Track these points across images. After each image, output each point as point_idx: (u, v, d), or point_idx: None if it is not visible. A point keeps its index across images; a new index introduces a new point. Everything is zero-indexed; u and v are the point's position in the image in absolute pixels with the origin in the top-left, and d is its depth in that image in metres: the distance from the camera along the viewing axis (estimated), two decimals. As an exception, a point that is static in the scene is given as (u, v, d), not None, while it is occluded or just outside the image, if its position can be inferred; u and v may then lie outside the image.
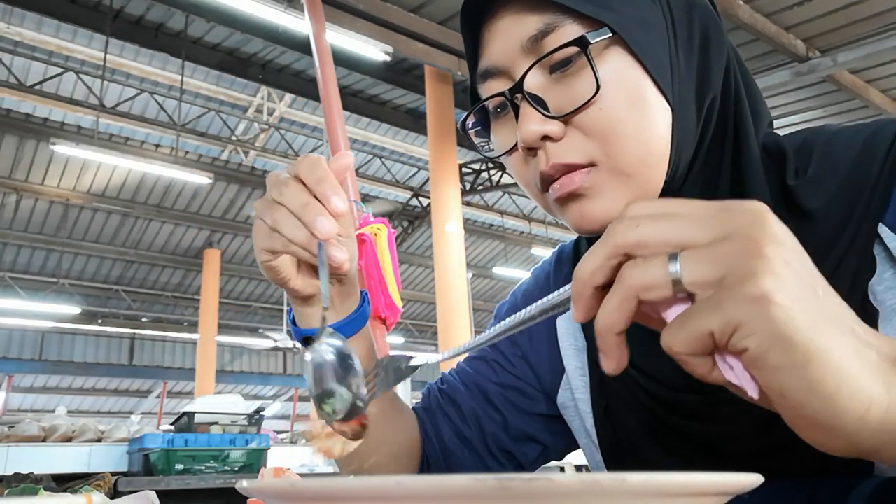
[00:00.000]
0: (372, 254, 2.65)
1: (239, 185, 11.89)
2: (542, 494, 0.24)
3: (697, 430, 0.53)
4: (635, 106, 0.49)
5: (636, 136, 0.49)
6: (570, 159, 0.50)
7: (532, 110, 0.50)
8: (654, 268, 0.32)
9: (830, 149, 0.53)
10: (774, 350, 0.30)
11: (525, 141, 0.50)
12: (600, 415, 0.62)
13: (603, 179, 0.50)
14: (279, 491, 0.27)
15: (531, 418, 0.69)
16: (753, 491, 0.29)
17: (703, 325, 0.31)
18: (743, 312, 0.30)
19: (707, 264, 0.31)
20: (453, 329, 6.99)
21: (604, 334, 0.34)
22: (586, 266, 0.35)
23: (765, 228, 0.31)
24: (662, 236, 0.33)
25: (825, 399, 0.29)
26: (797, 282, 0.30)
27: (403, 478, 0.24)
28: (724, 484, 0.27)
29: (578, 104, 0.49)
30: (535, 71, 0.51)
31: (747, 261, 0.30)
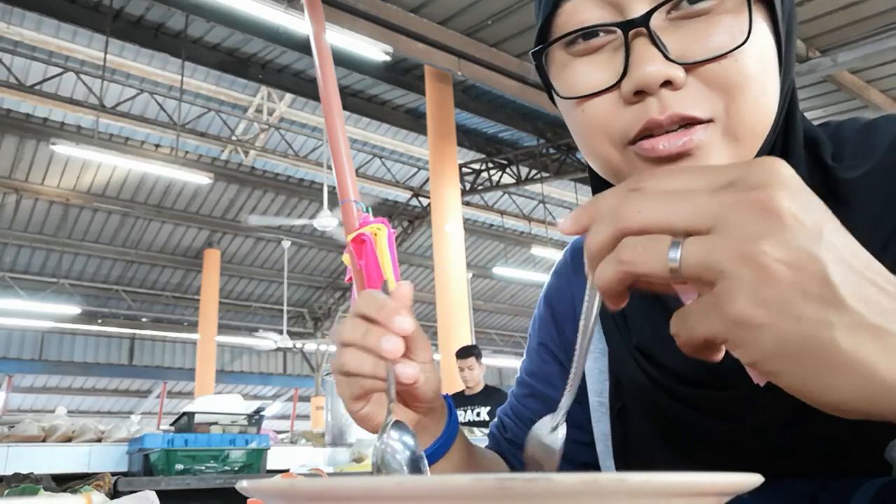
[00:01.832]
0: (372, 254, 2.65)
1: (239, 185, 11.89)
2: (542, 494, 0.24)
3: (717, 426, 0.52)
4: (766, 68, 0.46)
5: (759, 100, 0.46)
6: (694, 112, 0.45)
7: (655, 49, 0.44)
8: (654, 254, 0.32)
9: (866, 137, 0.52)
10: (763, 362, 0.30)
11: (646, 81, 0.44)
12: (615, 417, 0.61)
13: (715, 140, 0.46)
14: (279, 491, 0.27)
15: (585, 448, 0.69)
16: (754, 491, 0.29)
17: (696, 333, 0.32)
18: (726, 332, 0.30)
19: (706, 266, 0.31)
20: (453, 329, 6.99)
21: (602, 291, 0.35)
22: (593, 243, 0.35)
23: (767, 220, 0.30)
24: (667, 222, 0.32)
25: (829, 391, 0.30)
26: (792, 285, 0.29)
27: (403, 478, 0.24)
28: (723, 484, 0.27)
29: (718, 52, 0.44)
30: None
31: (739, 269, 0.30)
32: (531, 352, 0.75)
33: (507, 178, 11.52)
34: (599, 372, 0.64)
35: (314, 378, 15.45)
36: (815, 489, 0.47)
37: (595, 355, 0.65)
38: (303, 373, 17.31)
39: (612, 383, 0.62)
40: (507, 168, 11.40)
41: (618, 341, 0.60)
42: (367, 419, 0.55)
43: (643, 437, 0.58)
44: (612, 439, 0.62)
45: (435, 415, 0.58)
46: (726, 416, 0.52)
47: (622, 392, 0.61)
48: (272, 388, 17.84)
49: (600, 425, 0.64)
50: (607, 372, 0.63)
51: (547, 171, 11.08)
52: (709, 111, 0.45)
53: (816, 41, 7.15)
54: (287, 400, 17.59)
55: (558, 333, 0.71)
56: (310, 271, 15.08)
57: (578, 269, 0.70)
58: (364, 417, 0.55)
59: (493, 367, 19.35)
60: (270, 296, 15.49)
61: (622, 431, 0.61)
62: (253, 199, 12.33)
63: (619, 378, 0.61)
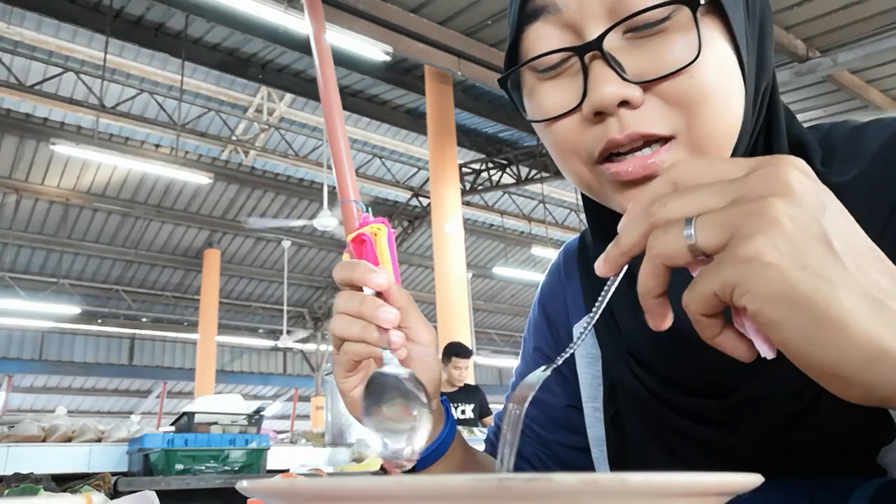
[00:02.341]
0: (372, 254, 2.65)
1: (239, 185, 11.89)
2: (542, 494, 0.24)
3: (712, 436, 0.52)
4: (724, 79, 0.46)
5: (721, 111, 0.46)
6: (652, 129, 0.46)
7: (610, 71, 0.45)
8: (672, 236, 0.34)
9: (856, 141, 0.52)
10: (769, 306, 0.31)
11: (602, 104, 0.45)
12: (609, 421, 0.61)
13: (680, 156, 0.46)
14: (279, 491, 0.27)
15: (581, 453, 0.69)
16: (754, 491, 0.29)
17: (707, 287, 0.33)
18: (737, 273, 0.32)
19: (716, 228, 0.33)
20: (453, 329, 6.99)
21: (644, 298, 0.37)
22: (624, 240, 0.37)
23: (776, 185, 0.32)
24: (684, 209, 0.34)
25: (826, 349, 0.31)
26: (799, 237, 0.31)
27: (403, 478, 0.24)
28: (723, 484, 0.27)
29: (670, 69, 0.45)
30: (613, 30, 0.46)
31: (749, 221, 0.32)
32: (527, 356, 0.75)
33: (507, 178, 11.52)
34: (593, 377, 0.64)
35: (314, 378, 15.44)
36: (813, 489, 0.47)
37: (588, 360, 0.65)
38: (303, 373, 17.31)
39: (605, 389, 0.62)
40: (507, 168, 11.40)
41: (611, 346, 0.60)
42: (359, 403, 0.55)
43: (637, 442, 0.58)
44: (607, 444, 0.62)
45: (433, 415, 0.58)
46: (719, 423, 0.51)
47: (616, 397, 0.61)
48: (272, 388, 17.83)
49: (594, 430, 0.64)
50: (601, 377, 0.63)
51: (547, 171, 11.08)
52: (669, 127, 0.46)
53: (816, 41, 7.15)
54: (287, 400, 17.59)
55: (553, 337, 0.71)
56: (310, 271, 15.07)
57: (571, 272, 0.70)
58: (357, 400, 0.55)
59: (493, 367, 19.35)
60: (270, 296, 15.49)
61: (617, 437, 0.61)
62: (253, 199, 12.33)
63: (612, 384, 0.61)
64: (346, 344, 0.53)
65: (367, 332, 0.52)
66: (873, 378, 0.31)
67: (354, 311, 0.52)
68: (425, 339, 0.56)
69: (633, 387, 0.57)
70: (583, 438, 0.67)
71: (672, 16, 0.45)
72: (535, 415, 0.71)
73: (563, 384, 0.69)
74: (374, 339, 0.52)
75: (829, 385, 0.32)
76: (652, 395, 0.55)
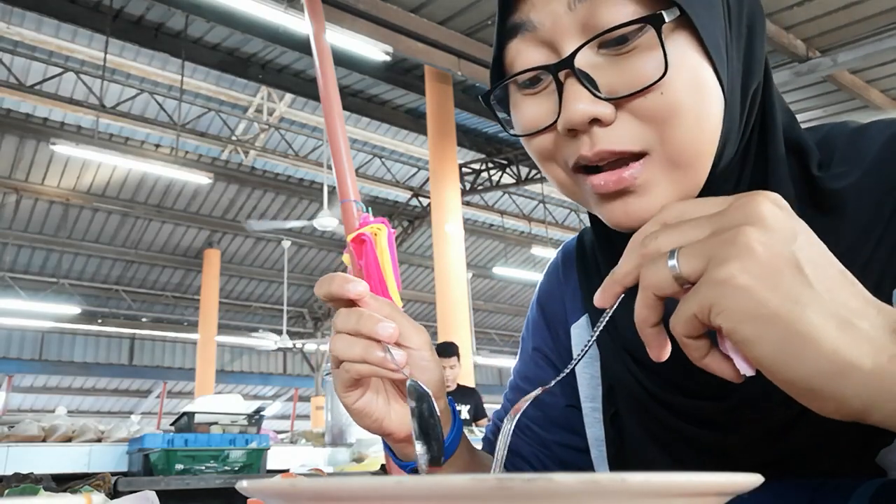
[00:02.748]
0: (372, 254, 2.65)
1: (239, 185, 11.89)
2: (542, 494, 0.24)
3: (711, 438, 0.52)
4: (697, 92, 0.46)
5: (694, 125, 0.46)
6: (623, 146, 0.46)
7: (582, 88, 0.46)
8: (659, 267, 0.37)
9: (855, 143, 0.52)
10: (742, 324, 0.34)
11: (572, 122, 0.46)
12: (608, 422, 0.61)
13: (654, 172, 0.47)
14: (279, 491, 0.27)
15: (576, 453, 0.69)
16: (754, 491, 0.29)
17: (687, 309, 0.36)
18: (713, 294, 0.34)
19: (696, 257, 0.36)
20: (453, 329, 6.99)
21: (641, 328, 0.39)
22: (619, 271, 0.40)
23: (750, 215, 0.35)
24: (669, 243, 0.38)
25: (796, 364, 0.33)
26: (769, 261, 0.34)
27: (403, 478, 0.24)
28: (723, 484, 0.27)
29: (638, 87, 0.45)
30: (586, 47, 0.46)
31: (724, 248, 0.35)
32: (526, 356, 0.74)
33: (507, 178, 11.52)
34: (591, 377, 0.64)
35: (314, 378, 15.44)
36: (813, 489, 0.47)
37: (587, 360, 0.65)
38: (303, 373, 17.31)
39: (604, 389, 0.62)
40: (507, 168, 11.40)
41: (609, 347, 0.60)
42: (364, 413, 0.55)
43: (636, 442, 0.58)
44: (606, 445, 0.61)
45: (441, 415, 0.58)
46: (718, 425, 0.51)
47: (615, 398, 0.61)
48: (272, 388, 17.84)
49: (593, 430, 0.64)
50: (599, 377, 0.63)
51: (547, 171, 11.07)
52: (640, 144, 0.46)
53: (816, 41, 7.15)
54: (287, 400, 17.59)
55: (551, 337, 0.71)
56: (310, 271, 15.07)
57: (569, 272, 0.70)
58: (361, 411, 0.55)
59: (493, 367, 19.35)
60: (270, 296, 15.49)
61: (616, 437, 0.60)
62: (253, 199, 12.33)
63: (611, 384, 0.61)
64: (348, 364, 0.53)
65: (369, 353, 0.52)
66: (843, 392, 0.33)
67: (353, 328, 0.53)
68: (417, 342, 0.55)
69: (632, 387, 0.57)
70: (582, 439, 0.67)
71: (643, 32, 0.45)
72: (534, 415, 0.71)
73: (563, 384, 0.69)
74: (377, 359, 0.52)
75: (804, 400, 0.34)
76: (650, 396, 0.55)
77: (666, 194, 0.47)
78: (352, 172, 3.32)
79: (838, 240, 0.48)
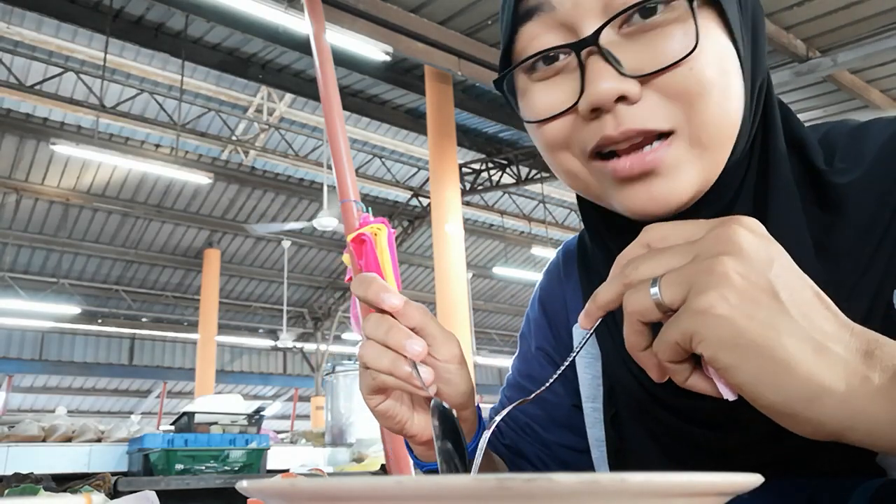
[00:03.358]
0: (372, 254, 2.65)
1: (239, 185, 11.89)
2: (542, 494, 0.24)
3: (712, 438, 0.52)
4: (724, 73, 0.45)
5: (722, 104, 0.45)
6: (650, 125, 0.45)
7: (607, 66, 0.45)
8: (640, 295, 0.38)
9: (856, 142, 0.51)
10: (722, 352, 0.35)
11: (599, 99, 0.45)
12: (608, 423, 0.61)
13: (681, 152, 0.46)
14: (279, 491, 0.27)
15: (577, 454, 0.69)
16: (753, 491, 0.29)
17: (669, 337, 0.37)
18: (693, 323, 0.36)
19: (676, 285, 0.37)
20: (453, 329, 6.97)
21: (634, 353, 0.41)
22: (602, 297, 0.42)
23: (727, 244, 0.36)
24: (651, 270, 0.39)
25: (774, 390, 0.34)
26: (746, 290, 0.35)
27: (403, 478, 0.24)
28: (723, 484, 0.27)
29: (668, 62, 0.44)
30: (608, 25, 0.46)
31: (703, 277, 0.36)
32: (528, 355, 0.74)
33: (507, 178, 11.52)
34: (592, 378, 0.64)
35: (314, 378, 15.44)
36: (813, 489, 0.47)
37: (588, 360, 0.64)
38: (303, 373, 17.31)
39: (605, 389, 0.62)
40: (507, 168, 11.40)
41: (610, 347, 0.60)
42: (386, 416, 0.54)
43: (637, 443, 0.58)
44: (607, 445, 0.61)
45: (466, 424, 0.57)
46: (718, 426, 0.51)
47: (616, 398, 0.60)
48: (272, 388, 17.83)
49: (594, 431, 0.64)
50: (600, 377, 0.63)
51: (547, 171, 11.07)
52: (667, 122, 0.45)
53: (816, 41, 7.15)
54: (287, 400, 17.59)
55: (554, 338, 0.71)
56: (310, 271, 15.07)
57: (570, 272, 0.70)
58: (383, 414, 0.54)
59: (493, 367, 19.34)
60: (270, 296, 15.48)
61: (617, 438, 0.60)
62: (253, 199, 12.33)
63: (612, 385, 0.61)
64: (374, 372, 0.52)
65: (397, 367, 0.51)
66: (819, 415, 0.34)
67: (382, 339, 0.51)
68: (446, 354, 0.54)
69: (633, 389, 0.57)
70: (584, 440, 0.66)
71: (668, 9, 0.45)
72: (536, 414, 0.71)
73: (565, 384, 0.69)
74: (404, 374, 0.51)
75: (783, 422, 0.35)
76: (651, 397, 0.55)
77: (690, 176, 0.47)
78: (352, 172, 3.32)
79: (840, 238, 0.48)
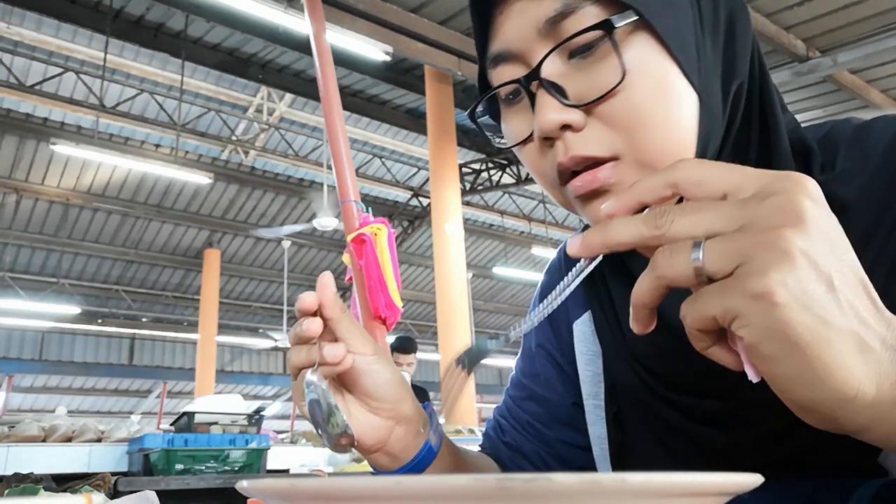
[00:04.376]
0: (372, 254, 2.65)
1: (239, 185, 11.89)
2: (542, 494, 0.24)
3: (715, 437, 0.51)
4: (662, 95, 0.46)
5: (662, 127, 0.46)
6: (592, 152, 0.47)
7: (550, 98, 0.47)
8: (680, 259, 0.34)
9: (860, 141, 0.51)
10: (766, 342, 0.32)
11: (543, 130, 0.47)
12: (610, 421, 0.61)
13: (627, 173, 0.47)
14: (279, 491, 0.27)
15: (578, 451, 0.69)
16: (754, 491, 0.29)
17: (708, 309, 0.33)
18: (742, 305, 0.32)
19: (727, 255, 0.32)
20: (453, 329, 6.99)
21: (636, 306, 0.37)
22: (614, 234, 0.37)
23: (790, 216, 0.32)
24: (692, 229, 0.34)
25: (809, 389, 0.32)
26: (809, 276, 0.31)
27: (403, 478, 0.24)
28: (723, 484, 0.27)
29: (601, 92, 0.46)
30: (554, 56, 0.47)
31: (762, 253, 0.32)
32: (528, 352, 0.74)
33: (507, 178, 11.52)
34: (594, 374, 0.64)
35: (314, 378, 15.40)
36: (813, 489, 0.47)
37: (589, 357, 0.64)
38: (303, 373, 17.27)
39: (607, 387, 0.62)
40: (507, 168, 11.40)
41: (612, 345, 0.59)
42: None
43: (639, 441, 0.58)
44: (609, 443, 0.61)
45: (410, 425, 0.58)
46: (720, 425, 0.51)
47: (617, 396, 0.60)
48: (272, 388, 17.83)
49: (596, 428, 0.64)
50: (601, 374, 0.63)
51: (547, 171, 11.07)
52: (609, 149, 0.47)
53: (816, 41, 7.15)
54: (287, 400, 17.58)
55: (554, 335, 0.71)
56: (310, 271, 15.07)
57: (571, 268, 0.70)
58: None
59: (493, 367, 19.35)
60: (270, 296, 15.48)
61: (618, 435, 0.60)
62: (253, 199, 12.33)
63: (613, 382, 0.61)
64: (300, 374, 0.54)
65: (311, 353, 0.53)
66: (844, 414, 0.32)
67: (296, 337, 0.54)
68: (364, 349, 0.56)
69: (635, 386, 0.57)
70: (585, 437, 0.66)
71: (604, 39, 0.46)
72: (536, 412, 0.71)
73: (565, 381, 0.69)
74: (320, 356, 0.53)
75: (800, 414, 0.34)
76: (654, 395, 0.55)
77: None
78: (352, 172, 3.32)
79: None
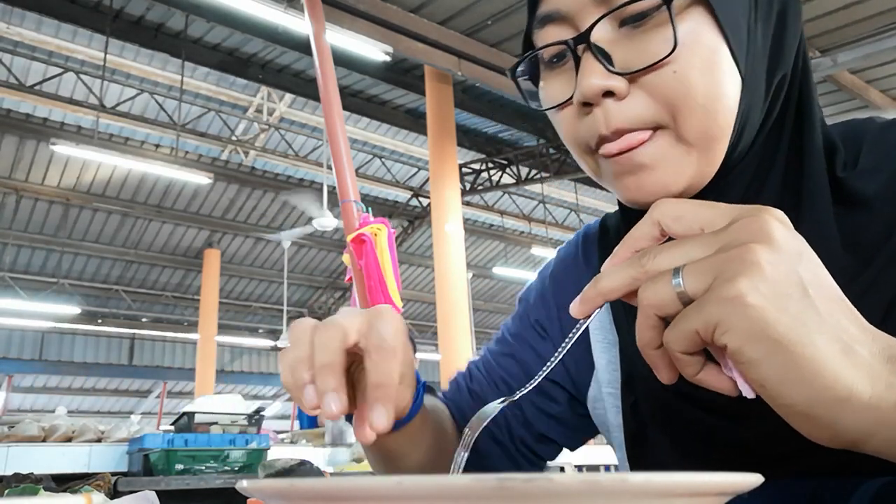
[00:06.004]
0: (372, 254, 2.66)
1: (239, 185, 11.89)
2: (542, 494, 0.24)
3: (730, 429, 0.52)
4: (709, 71, 0.46)
5: (706, 105, 0.46)
6: (635, 122, 0.47)
7: (596, 62, 0.47)
8: (661, 286, 0.36)
9: (884, 139, 0.51)
10: (749, 344, 0.33)
11: (584, 95, 0.47)
12: (627, 410, 0.61)
13: (665, 149, 0.47)
14: (279, 491, 0.27)
15: (550, 420, 0.69)
16: (754, 491, 0.29)
17: (689, 325, 0.34)
18: (720, 312, 0.33)
19: (702, 273, 0.34)
20: (453, 329, 6.99)
21: (645, 351, 0.39)
22: (606, 283, 0.39)
23: (757, 233, 0.34)
24: (672, 261, 0.36)
25: (799, 389, 0.32)
26: (778, 282, 0.33)
27: (403, 478, 0.24)
28: (724, 484, 0.27)
29: (650, 62, 0.45)
30: (605, 22, 0.47)
31: (732, 265, 0.33)
32: (524, 321, 0.73)
33: (507, 178, 11.52)
34: (608, 362, 0.64)
35: (314, 378, 15.41)
36: (814, 489, 0.47)
37: (604, 345, 0.65)
38: (303, 373, 17.27)
39: (623, 377, 0.62)
40: (507, 168, 11.41)
41: (628, 336, 0.59)
42: None
43: (657, 433, 0.58)
44: (625, 432, 0.61)
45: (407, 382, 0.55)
46: (734, 417, 0.51)
47: (634, 386, 0.61)
48: (272, 388, 17.84)
49: (612, 416, 0.64)
50: (617, 362, 0.63)
51: (547, 171, 11.08)
52: (651, 120, 0.47)
53: (816, 41, 7.15)
54: (287, 400, 17.57)
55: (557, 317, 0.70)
56: (310, 271, 15.08)
57: (590, 257, 0.70)
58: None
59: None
60: (270, 296, 15.49)
61: (634, 425, 0.61)
62: (253, 199, 12.34)
63: (630, 372, 0.61)
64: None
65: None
66: (842, 419, 0.32)
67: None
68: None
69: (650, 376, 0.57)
70: (556, 405, 0.67)
71: (660, 9, 0.46)
72: (513, 370, 0.70)
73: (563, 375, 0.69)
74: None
75: (800, 426, 0.34)
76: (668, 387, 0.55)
77: (678, 170, 0.48)
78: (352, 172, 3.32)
79: (864, 234, 0.48)
